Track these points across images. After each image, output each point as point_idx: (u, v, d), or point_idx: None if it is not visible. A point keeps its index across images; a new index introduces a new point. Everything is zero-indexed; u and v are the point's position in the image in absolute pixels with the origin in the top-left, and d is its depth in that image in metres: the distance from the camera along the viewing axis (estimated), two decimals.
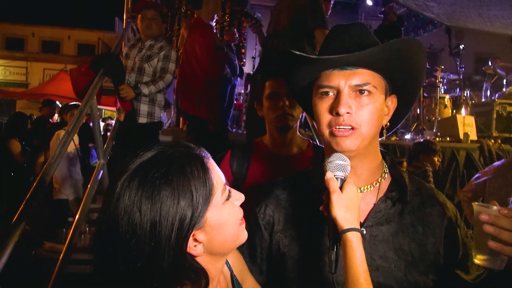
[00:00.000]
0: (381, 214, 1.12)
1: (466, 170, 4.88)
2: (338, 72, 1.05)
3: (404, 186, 1.14)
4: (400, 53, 1.05)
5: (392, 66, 1.06)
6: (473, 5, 8.41)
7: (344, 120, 1.03)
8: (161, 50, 3.55)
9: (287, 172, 1.34)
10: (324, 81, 1.07)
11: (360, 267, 0.92)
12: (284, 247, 1.18)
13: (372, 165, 1.14)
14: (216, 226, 0.87)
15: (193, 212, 0.82)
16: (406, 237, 1.10)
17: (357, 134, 1.04)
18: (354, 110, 1.03)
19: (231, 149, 2.03)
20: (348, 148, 1.04)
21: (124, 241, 0.79)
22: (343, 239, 0.95)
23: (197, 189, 0.83)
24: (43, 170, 2.19)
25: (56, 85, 13.42)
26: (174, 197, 0.80)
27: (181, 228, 0.80)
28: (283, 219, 1.21)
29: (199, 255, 0.87)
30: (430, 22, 11.26)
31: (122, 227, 0.79)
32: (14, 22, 22.81)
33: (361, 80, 1.04)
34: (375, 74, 1.07)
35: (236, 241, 0.95)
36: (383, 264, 1.08)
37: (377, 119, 1.06)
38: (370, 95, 1.05)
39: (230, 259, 1.09)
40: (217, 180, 0.88)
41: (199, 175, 0.84)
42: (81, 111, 2.94)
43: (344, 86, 1.04)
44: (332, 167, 1.02)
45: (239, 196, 0.96)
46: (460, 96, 6.80)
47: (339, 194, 0.97)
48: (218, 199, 0.88)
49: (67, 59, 19.96)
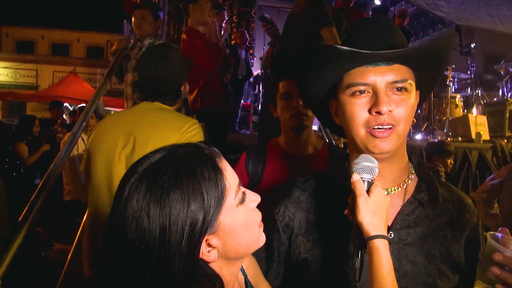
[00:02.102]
0: (410, 217, 1.07)
1: (478, 171, 4.79)
2: (373, 69, 0.99)
3: (435, 189, 1.08)
4: (436, 51, 1.01)
5: (424, 62, 1.02)
6: (482, 4, 8.32)
7: (386, 120, 0.97)
8: None
9: (303, 172, 1.30)
10: (357, 79, 1.01)
11: (388, 278, 0.87)
12: (306, 252, 1.12)
13: (400, 165, 1.09)
14: (230, 230, 0.82)
15: (204, 216, 0.77)
16: (435, 241, 1.05)
17: (395, 133, 0.99)
18: (393, 108, 0.98)
19: (246, 150, 2.02)
20: (387, 149, 1.00)
21: (132, 248, 0.75)
22: (369, 246, 0.90)
23: (208, 191, 0.78)
24: (48, 171, 2.18)
25: (66, 87, 13.56)
26: (184, 201, 0.75)
27: (192, 233, 0.76)
28: (305, 222, 1.15)
29: (213, 261, 0.82)
30: (440, 21, 11.16)
31: (130, 233, 0.75)
32: (24, 26, 23.09)
33: (398, 76, 0.99)
34: (410, 70, 1.03)
35: (254, 245, 0.90)
36: (412, 269, 1.03)
37: (412, 116, 1.03)
38: (406, 92, 1.00)
39: (244, 264, 1.04)
40: (230, 181, 0.83)
41: (210, 176, 0.79)
42: (87, 112, 2.94)
43: (382, 83, 0.99)
44: (359, 169, 0.96)
45: (254, 197, 0.90)
46: (472, 95, 6.71)
47: (366, 198, 0.92)
48: (231, 201, 0.82)
49: (76, 62, 20.14)
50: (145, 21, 3.46)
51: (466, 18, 9.46)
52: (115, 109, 14.39)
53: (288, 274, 1.18)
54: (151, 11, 3.49)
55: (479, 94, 6.83)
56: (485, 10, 8.56)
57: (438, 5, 8.90)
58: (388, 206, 0.95)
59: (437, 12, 9.66)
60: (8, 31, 22.58)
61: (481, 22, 9.52)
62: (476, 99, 6.58)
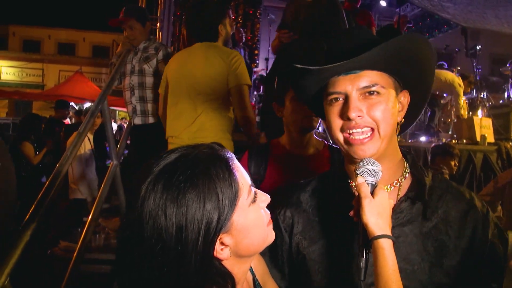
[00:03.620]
0: (403, 215, 1.09)
1: (483, 173, 4.78)
2: (344, 77, 1.05)
3: (423, 185, 1.11)
4: (401, 49, 1.03)
5: (396, 63, 1.05)
6: (490, 5, 8.27)
7: (357, 123, 1.02)
8: (158, 51, 3.55)
9: (305, 172, 1.32)
10: (331, 88, 1.07)
11: (393, 276, 0.90)
12: (303, 249, 1.16)
13: (391, 164, 1.11)
14: (242, 229, 0.85)
15: (219, 215, 0.80)
16: (429, 238, 1.07)
17: (376, 137, 1.03)
18: (366, 112, 1.03)
19: (248, 150, 2.04)
20: (369, 154, 1.03)
21: (149, 246, 0.77)
22: (374, 246, 0.93)
23: (223, 191, 0.80)
24: (54, 171, 2.21)
25: (72, 87, 13.65)
26: (200, 200, 0.78)
27: (208, 232, 0.78)
28: (302, 221, 1.19)
29: (226, 258, 0.85)
30: (445, 23, 11.11)
31: (147, 232, 0.77)
32: (31, 25, 23.27)
33: (367, 81, 1.03)
34: (382, 74, 1.06)
35: (264, 243, 0.93)
36: (406, 266, 1.05)
37: (391, 117, 1.05)
38: (379, 95, 1.04)
39: (252, 263, 1.06)
40: (242, 182, 0.86)
41: (224, 177, 0.81)
42: (92, 111, 2.96)
43: (351, 90, 1.04)
44: (363, 172, 1.00)
45: (265, 198, 0.93)
46: (477, 97, 6.69)
47: (371, 200, 0.95)
48: (244, 201, 0.85)
49: (82, 61, 20.28)
50: (135, 30, 3.53)
51: (472, 20, 9.42)
52: (120, 109, 14.48)
53: (293, 273, 1.22)
54: (137, 19, 3.53)
55: (484, 96, 6.80)
56: (492, 11, 8.52)
57: (444, 6, 8.87)
58: (391, 207, 0.98)
59: (443, 14, 9.63)
60: (15, 30, 22.77)
61: (487, 23, 9.47)
62: (481, 101, 6.56)
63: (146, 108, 3.53)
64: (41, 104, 17.50)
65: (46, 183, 2.11)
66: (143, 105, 3.53)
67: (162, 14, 8.01)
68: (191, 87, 2.67)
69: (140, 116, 3.54)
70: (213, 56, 2.67)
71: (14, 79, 20.30)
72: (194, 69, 2.68)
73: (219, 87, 2.65)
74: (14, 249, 1.68)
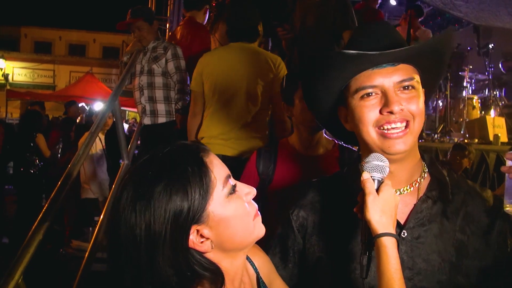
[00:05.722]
0: (423, 215, 1.07)
1: (496, 173, 4.71)
2: (379, 71, 1.02)
3: (446, 185, 1.09)
4: (437, 48, 1.03)
5: (427, 60, 1.04)
6: (503, 3, 8.15)
7: (397, 117, 1.00)
8: (167, 50, 3.56)
9: (314, 172, 1.31)
10: (365, 82, 1.03)
11: (395, 275, 0.89)
12: (321, 251, 1.15)
13: (411, 164, 1.10)
14: (221, 221, 0.86)
15: (189, 207, 0.81)
16: (450, 238, 1.05)
17: (410, 131, 1.02)
18: (404, 105, 1.00)
19: (257, 150, 2.03)
20: (403, 149, 1.01)
21: (126, 242, 0.81)
22: (377, 244, 0.91)
23: (192, 183, 0.82)
24: (66, 170, 2.22)
25: (82, 87, 13.81)
26: (166, 193, 0.80)
27: (175, 223, 0.80)
28: (319, 222, 1.18)
29: (208, 251, 0.86)
30: (456, 22, 10.97)
31: (122, 229, 0.81)
32: (42, 26, 23.54)
33: (404, 75, 1.02)
34: (415, 69, 1.05)
35: (250, 236, 0.92)
36: (427, 267, 1.03)
37: (423, 112, 1.04)
38: (414, 89, 1.02)
39: (257, 262, 1.06)
40: (216, 174, 0.86)
41: (193, 169, 0.83)
42: (103, 112, 2.98)
43: (389, 83, 1.01)
44: (369, 168, 0.98)
45: (248, 190, 0.92)
46: (489, 96, 6.58)
47: (375, 197, 0.93)
48: (219, 192, 0.86)
49: (92, 62, 20.47)
50: (143, 31, 3.56)
51: (485, 18, 9.28)
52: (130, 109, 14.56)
53: (303, 275, 1.20)
54: (145, 19, 3.56)
55: (497, 95, 6.69)
56: (505, 9, 8.38)
57: (456, 4, 8.75)
58: (397, 205, 0.97)
59: (454, 12, 9.51)
60: (27, 31, 23.07)
61: (500, 21, 9.32)
62: (494, 101, 6.45)
63: (156, 108, 3.55)
64: (52, 105, 17.68)
65: (58, 182, 2.13)
66: (153, 105, 3.55)
67: (172, 15, 8.03)
68: (237, 90, 2.66)
69: (150, 116, 3.56)
70: (260, 61, 2.69)
71: (26, 80, 20.56)
72: (241, 72, 2.67)
73: (264, 92, 2.68)
74: (28, 248, 1.70)
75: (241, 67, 2.67)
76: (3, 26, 22.30)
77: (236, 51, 2.75)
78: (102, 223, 2.87)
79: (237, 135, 2.62)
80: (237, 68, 2.68)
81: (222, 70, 2.71)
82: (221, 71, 2.71)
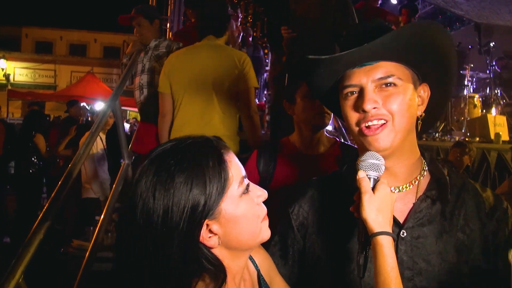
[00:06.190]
0: (422, 214, 1.06)
1: (497, 172, 4.70)
2: (359, 70, 1.02)
3: (445, 184, 1.07)
4: (417, 38, 0.99)
5: (412, 52, 1.01)
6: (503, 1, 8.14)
7: (372, 116, 0.99)
8: (169, 48, 3.55)
9: (314, 171, 1.30)
10: (346, 81, 1.05)
11: (392, 273, 0.88)
12: (320, 250, 1.14)
13: (410, 162, 1.08)
14: (232, 219, 0.86)
15: (206, 201, 0.82)
16: (450, 238, 1.04)
17: (389, 128, 0.99)
18: (381, 103, 0.99)
19: (258, 149, 2.03)
20: (383, 146, 1.00)
21: (139, 226, 0.82)
22: (373, 243, 0.91)
23: (211, 178, 0.83)
24: (67, 170, 2.22)
25: (83, 87, 13.83)
26: (187, 184, 0.81)
27: (192, 215, 0.81)
28: (319, 221, 1.17)
29: (214, 246, 0.87)
30: (458, 20, 10.96)
31: (138, 213, 0.82)
32: (43, 26, 23.57)
33: (383, 72, 1.00)
34: (398, 65, 1.02)
35: (256, 238, 0.92)
36: (427, 267, 1.02)
37: (408, 110, 1.01)
38: (396, 87, 1.00)
39: (257, 259, 1.06)
40: (234, 172, 0.87)
41: (214, 165, 0.84)
42: (104, 112, 2.98)
43: (367, 82, 1.01)
44: (365, 166, 0.97)
45: (261, 193, 0.93)
46: (491, 95, 6.57)
47: (371, 195, 0.93)
48: (234, 191, 0.87)
49: (93, 62, 20.50)
50: (143, 27, 3.55)
51: (486, 16, 9.27)
52: (131, 109, 14.59)
53: (303, 274, 1.19)
54: (145, 16, 3.56)
55: (498, 94, 6.68)
56: (506, 7, 8.38)
57: (457, 3, 8.74)
58: (393, 203, 0.96)
59: (456, 10, 9.49)
60: (28, 31, 23.10)
61: (501, 19, 9.30)
62: (495, 99, 6.44)
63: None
64: (54, 105, 17.73)
65: (59, 182, 2.13)
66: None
67: (172, 14, 8.03)
68: (205, 87, 2.68)
69: None
70: (225, 57, 2.70)
71: (27, 80, 20.60)
72: (207, 69, 2.69)
73: (230, 88, 2.69)
74: (28, 247, 1.70)
75: (207, 65, 2.69)
76: (4, 26, 22.34)
77: (202, 49, 2.77)
78: (103, 222, 2.87)
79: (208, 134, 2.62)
80: (203, 66, 2.69)
81: (189, 69, 2.73)
82: (188, 70, 2.73)
